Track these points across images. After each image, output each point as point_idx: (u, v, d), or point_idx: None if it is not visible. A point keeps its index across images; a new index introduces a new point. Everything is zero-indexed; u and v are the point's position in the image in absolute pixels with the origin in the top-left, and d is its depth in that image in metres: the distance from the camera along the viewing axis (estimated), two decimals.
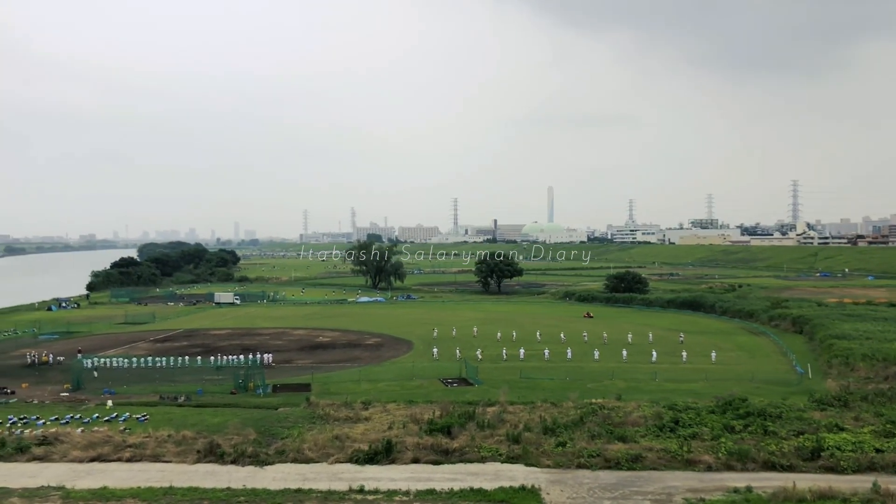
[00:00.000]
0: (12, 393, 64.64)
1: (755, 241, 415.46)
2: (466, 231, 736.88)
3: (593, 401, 55.40)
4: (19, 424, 52.21)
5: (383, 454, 43.04)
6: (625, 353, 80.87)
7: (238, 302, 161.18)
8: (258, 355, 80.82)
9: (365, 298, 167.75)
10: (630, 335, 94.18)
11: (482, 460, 42.55)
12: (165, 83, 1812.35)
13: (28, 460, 43.65)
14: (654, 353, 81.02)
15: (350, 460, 42.68)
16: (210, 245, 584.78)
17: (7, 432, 48.77)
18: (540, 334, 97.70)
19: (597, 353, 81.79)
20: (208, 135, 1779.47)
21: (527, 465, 41.91)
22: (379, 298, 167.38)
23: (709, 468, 40.99)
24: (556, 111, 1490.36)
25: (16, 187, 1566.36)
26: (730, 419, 48.38)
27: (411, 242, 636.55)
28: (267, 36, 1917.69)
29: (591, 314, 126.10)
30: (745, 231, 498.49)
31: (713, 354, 79.23)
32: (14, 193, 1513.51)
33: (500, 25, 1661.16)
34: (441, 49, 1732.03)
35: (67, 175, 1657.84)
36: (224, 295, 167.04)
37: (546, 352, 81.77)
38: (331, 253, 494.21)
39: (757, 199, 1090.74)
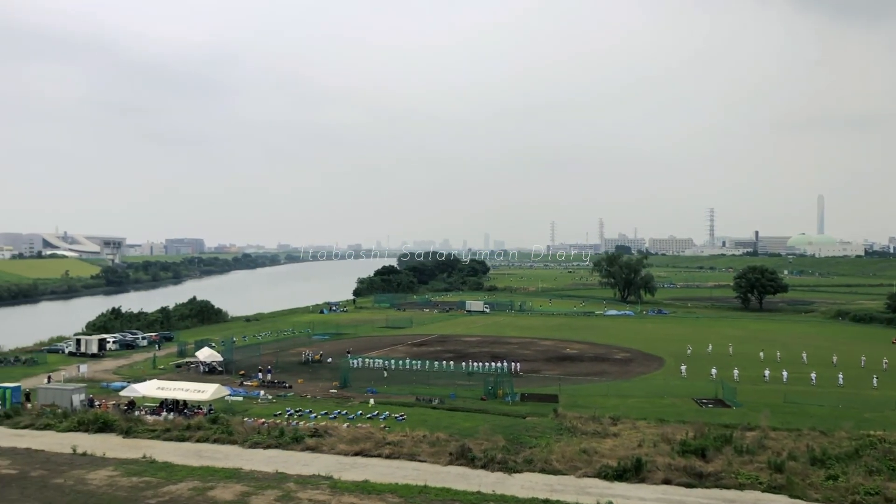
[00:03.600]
0: (290, 387, 71.50)
1: None
2: (724, 243, 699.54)
3: (871, 433, 49.79)
4: (295, 416, 57.55)
5: (632, 472, 41.78)
6: None
7: (488, 310, 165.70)
8: (507, 363, 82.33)
9: (613, 311, 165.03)
10: None
11: (740, 487, 39.80)
12: (416, 104, 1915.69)
13: (302, 450, 47.79)
14: None
15: (598, 475, 41.92)
16: (462, 255, 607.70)
17: (285, 423, 53.90)
18: (807, 356, 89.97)
19: (875, 380, 73.57)
20: (455, 152, 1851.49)
21: (791, 496, 38.51)
22: (628, 312, 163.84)
23: None
24: (825, 112, 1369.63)
25: (293, 202, 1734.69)
26: None
27: (662, 254, 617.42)
28: (502, 49, 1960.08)
29: None
30: None
31: None
32: (292, 207, 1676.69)
33: (759, 24, 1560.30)
34: (695, 54, 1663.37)
35: (335, 190, 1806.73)
36: (475, 303, 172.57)
37: (813, 375, 75.10)
38: (577, 264, 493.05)
39: None
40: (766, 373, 77.08)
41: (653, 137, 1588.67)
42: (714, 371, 77.59)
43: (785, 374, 75.76)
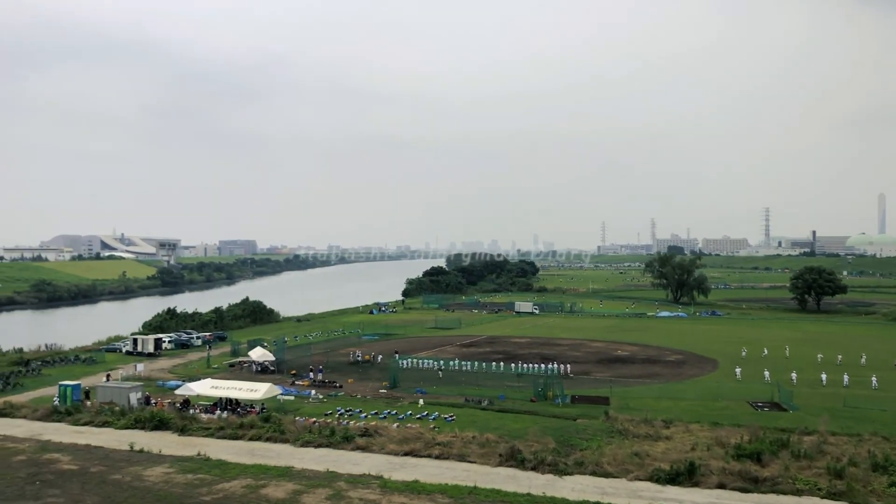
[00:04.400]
0: (340, 387, 72.12)
1: None
2: (779, 243, 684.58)
3: None
4: (345, 416, 58.03)
5: (685, 476, 41.07)
6: None
7: (537, 312, 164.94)
8: (557, 365, 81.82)
9: (665, 313, 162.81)
10: None
11: (797, 493, 38.81)
12: (464, 105, 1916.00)
13: (352, 449, 48.15)
14: None
15: (650, 479, 41.33)
16: (511, 256, 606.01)
17: (336, 422, 54.37)
18: (866, 359, 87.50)
19: None
20: (503, 153, 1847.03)
21: (852, 503, 37.50)
22: (680, 313, 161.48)
23: None
24: (885, 108, 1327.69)
25: (343, 204, 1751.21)
26: None
27: (716, 255, 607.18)
28: (537, 47, 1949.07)
29: None
30: None
31: None
32: (342, 209, 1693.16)
33: (818, 18, 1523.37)
34: (754, 49, 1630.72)
35: (384, 191, 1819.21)
36: (524, 304, 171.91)
37: (874, 379, 72.92)
38: (629, 265, 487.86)
39: None
40: (823, 376, 75.02)
41: (706, 135, 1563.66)
42: (768, 373, 75.92)
43: (846, 377, 73.66)
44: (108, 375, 76.96)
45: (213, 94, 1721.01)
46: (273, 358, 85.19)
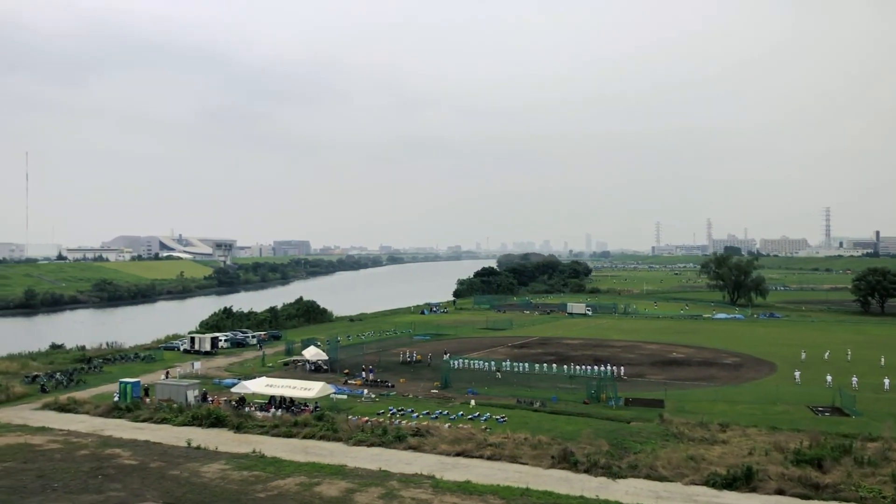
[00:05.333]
0: (392, 387, 72.50)
1: None
2: (841, 243, 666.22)
3: None
4: (398, 415, 58.30)
5: (742, 481, 40.16)
6: None
7: (590, 313, 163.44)
8: (610, 367, 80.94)
9: (722, 315, 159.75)
10: None
11: (860, 501, 37.58)
12: (518, 108, 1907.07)
13: (404, 448, 48.35)
14: None
15: (706, 483, 40.55)
16: (563, 257, 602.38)
17: (388, 422, 54.65)
18: None
19: None
20: (555, 153, 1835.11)
21: None
22: (737, 315, 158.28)
23: None
24: None
25: (395, 205, 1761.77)
26: None
27: (774, 256, 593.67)
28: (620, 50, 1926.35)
29: None
30: None
31: None
32: (394, 210, 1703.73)
33: (878, 7, 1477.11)
34: (813, 42, 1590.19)
35: (436, 192, 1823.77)
36: (576, 305, 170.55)
37: None
38: (684, 266, 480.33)
39: None
40: (886, 381, 72.47)
41: (763, 133, 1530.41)
42: (829, 378, 73.82)
43: None
44: (166, 373, 78.74)
45: (270, 98, 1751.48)
46: (326, 357, 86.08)
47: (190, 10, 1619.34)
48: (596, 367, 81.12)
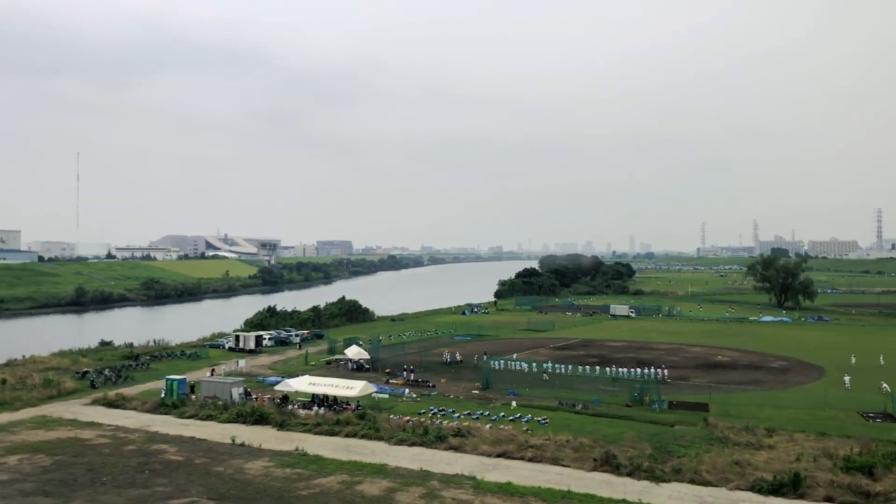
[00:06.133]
0: (433, 387, 72.63)
1: None
2: (893, 245, 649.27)
3: None
4: (439, 415, 58.39)
5: (790, 487, 39.36)
6: None
7: (633, 315, 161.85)
8: (653, 370, 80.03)
9: (768, 318, 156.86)
10: None
11: None
12: (560, 106, 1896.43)
13: (445, 449, 48.39)
14: None
15: (751, 489, 39.83)
16: (606, 258, 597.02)
17: (429, 421, 54.77)
18: None
19: None
20: (598, 153, 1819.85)
21: None
22: (785, 318, 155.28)
23: None
24: None
25: (436, 205, 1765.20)
26: None
27: (823, 258, 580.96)
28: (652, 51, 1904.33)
29: None
30: None
31: None
32: (435, 210, 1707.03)
33: None
34: (859, 42, 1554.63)
35: (477, 192, 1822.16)
36: (619, 307, 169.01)
37: None
38: (730, 268, 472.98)
39: None
40: None
41: (812, 132, 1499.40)
42: (885, 384, 71.82)
43: None
44: (212, 370, 79.97)
45: (312, 99, 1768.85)
46: (368, 356, 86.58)
47: (234, 14, 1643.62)
48: (639, 370, 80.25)
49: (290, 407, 60.63)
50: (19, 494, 38.32)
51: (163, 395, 64.40)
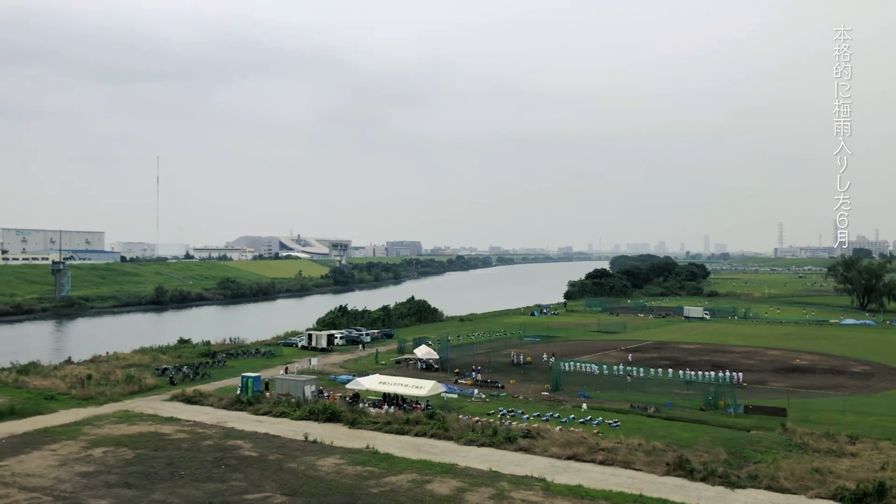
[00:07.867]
0: (502, 388, 72.51)
1: None
2: None
3: None
4: (508, 416, 58.25)
5: (874, 497, 37.79)
6: None
7: (707, 317, 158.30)
8: (729, 373, 78.14)
9: (850, 321, 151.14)
10: None
11: None
12: (632, 104, 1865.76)
13: (515, 450, 48.20)
14: None
15: (833, 497, 38.44)
16: (679, 258, 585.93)
17: (498, 422, 54.70)
18: None
19: None
20: (672, 151, 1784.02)
21: None
22: (868, 321, 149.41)
23: None
24: None
25: (505, 205, 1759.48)
26: None
27: None
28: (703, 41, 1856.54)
29: None
30: None
31: None
32: (504, 210, 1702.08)
33: None
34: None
35: (547, 192, 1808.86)
36: (693, 309, 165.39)
37: None
38: (809, 269, 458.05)
39: None
40: None
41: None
42: None
43: None
44: (285, 368, 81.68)
45: (383, 101, 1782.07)
46: (437, 356, 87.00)
47: (305, 17, 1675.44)
48: (714, 373, 78.50)
49: (360, 405, 61.39)
50: (104, 486, 39.88)
51: (238, 391, 66.09)
